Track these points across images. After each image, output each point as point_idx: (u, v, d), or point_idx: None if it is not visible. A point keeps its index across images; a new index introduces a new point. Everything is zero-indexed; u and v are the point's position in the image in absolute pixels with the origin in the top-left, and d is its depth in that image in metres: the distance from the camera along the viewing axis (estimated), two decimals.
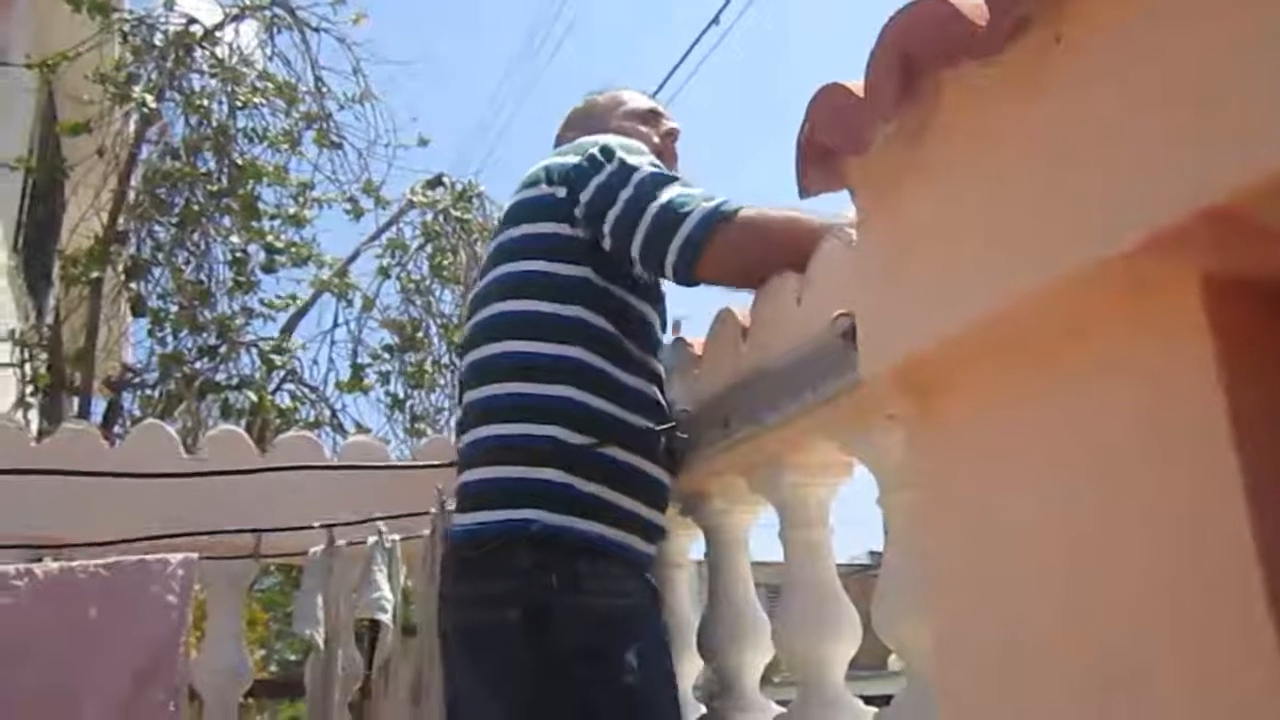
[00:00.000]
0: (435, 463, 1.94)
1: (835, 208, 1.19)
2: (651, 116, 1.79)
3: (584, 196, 1.50)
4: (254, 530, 1.89)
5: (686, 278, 1.44)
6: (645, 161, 1.51)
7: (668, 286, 1.61)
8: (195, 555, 1.89)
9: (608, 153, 1.52)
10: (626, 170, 1.49)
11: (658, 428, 1.49)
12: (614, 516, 1.44)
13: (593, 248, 1.51)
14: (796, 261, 1.29)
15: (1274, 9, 0.55)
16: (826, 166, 0.96)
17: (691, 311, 1.73)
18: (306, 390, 6.22)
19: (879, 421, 1.12)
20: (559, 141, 1.78)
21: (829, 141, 0.93)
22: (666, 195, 1.44)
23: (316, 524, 1.87)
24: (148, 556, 1.87)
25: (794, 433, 1.28)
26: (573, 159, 1.55)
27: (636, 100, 1.82)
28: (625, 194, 1.46)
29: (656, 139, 1.73)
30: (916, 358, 0.82)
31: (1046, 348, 0.73)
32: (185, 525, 1.96)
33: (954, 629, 0.79)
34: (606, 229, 1.47)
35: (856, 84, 0.88)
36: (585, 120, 1.77)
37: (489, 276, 1.58)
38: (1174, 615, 0.61)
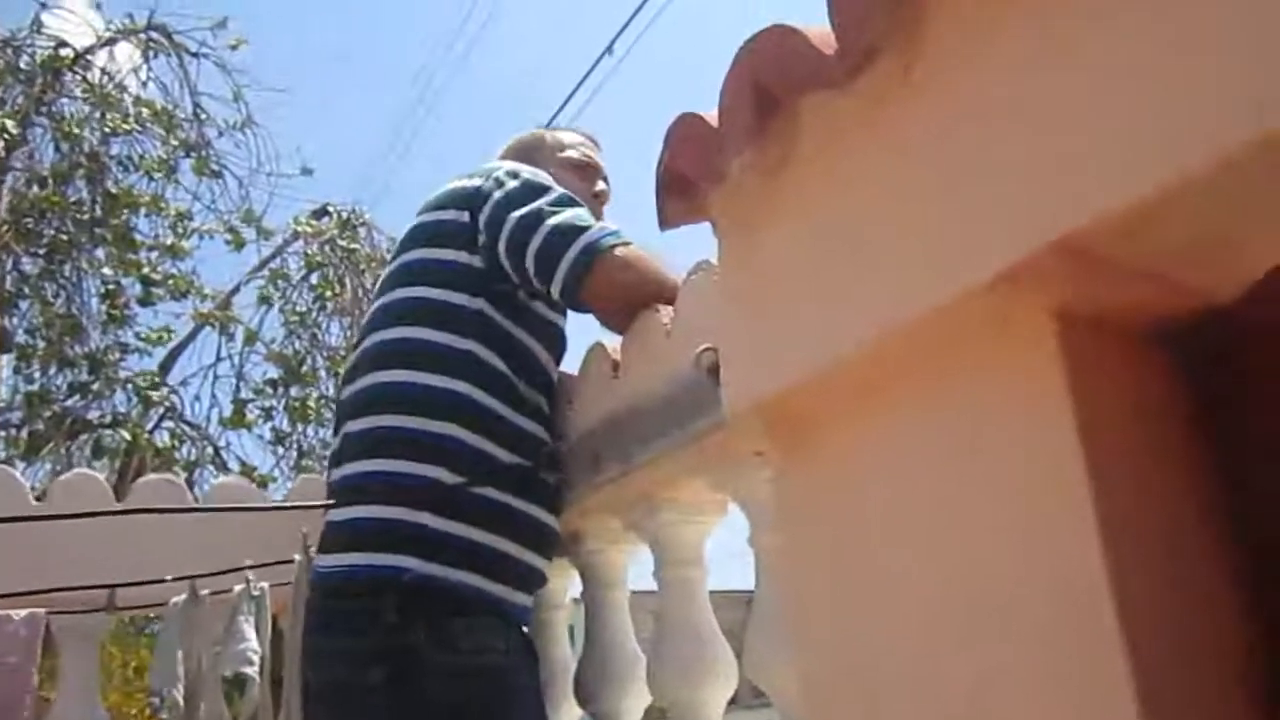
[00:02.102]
0: (303, 503, 1.85)
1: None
2: (588, 172, 1.73)
3: (483, 215, 1.46)
4: (106, 586, 1.77)
5: (573, 300, 1.41)
6: (551, 185, 1.49)
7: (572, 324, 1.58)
8: (41, 611, 1.77)
9: (512, 174, 1.50)
10: (528, 189, 1.46)
11: (531, 465, 1.43)
12: (491, 565, 1.38)
13: (490, 278, 1.46)
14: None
15: (1127, 42, 0.54)
16: (686, 197, 0.93)
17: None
18: (187, 428, 6.00)
19: (747, 459, 1.10)
20: None
21: (688, 172, 0.91)
22: (562, 216, 1.41)
23: (169, 577, 1.76)
24: None
25: (665, 471, 1.25)
26: (476, 181, 1.51)
27: (579, 150, 1.76)
28: (521, 211, 1.42)
29: (585, 197, 1.65)
30: (779, 395, 0.80)
31: (909, 384, 0.71)
32: (34, 576, 1.83)
33: (818, 670, 0.77)
34: (502, 245, 1.43)
35: (712, 113, 0.85)
36: (523, 152, 1.72)
37: (381, 300, 1.52)
38: (1037, 652, 0.60)
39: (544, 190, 1.46)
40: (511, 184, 1.47)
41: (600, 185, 1.74)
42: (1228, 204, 0.54)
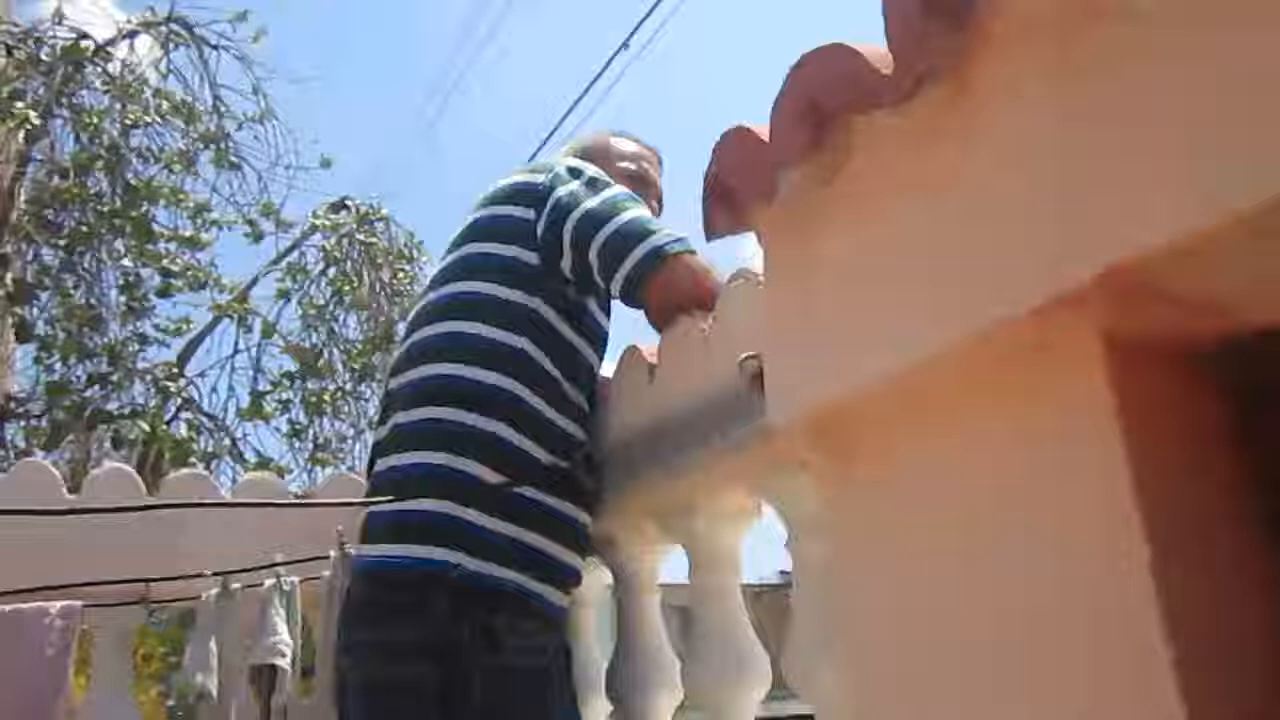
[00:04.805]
0: (338, 500, 1.87)
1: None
2: (642, 187, 1.71)
3: (547, 207, 1.46)
4: (141, 580, 1.80)
5: (631, 298, 1.42)
6: (612, 183, 1.50)
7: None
8: (78, 604, 1.79)
9: (576, 171, 1.51)
10: (596, 182, 1.48)
11: (570, 467, 1.45)
12: (536, 564, 1.39)
13: (547, 276, 1.47)
14: None
15: (1180, 79, 0.55)
16: (732, 209, 0.94)
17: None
18: (204, 419, 6.03)
19: (788, 467, 1.11)
20: None
21: (735, 184, 0.92)
22: (633, 213, 1.43)
23: (209, 572, 1.78)
24: (24, 606, 1.77)
25: (703, 477, 1.26)
26: (539, 177, 1.52)
27: (638, 164, 1.75)
28: (592, 203, 1.44)
29: None
30: (826, 405, 0.81)
31: (955, 401, 0.72)
32: (68, 569, 1.86)
33: (865, 678, 0.78)
34: (568, 234, 1.44)
35: (762, 127, 0.87)
36: (583, 155, 1.70)
37: (436, 293, 1.52)
38: (1085, 669, 0.61)
39: (608, 186, 1.48)
40: (576, 180, 1.48)
41: (651, 204, 1.72)
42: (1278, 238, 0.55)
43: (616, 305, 1.55)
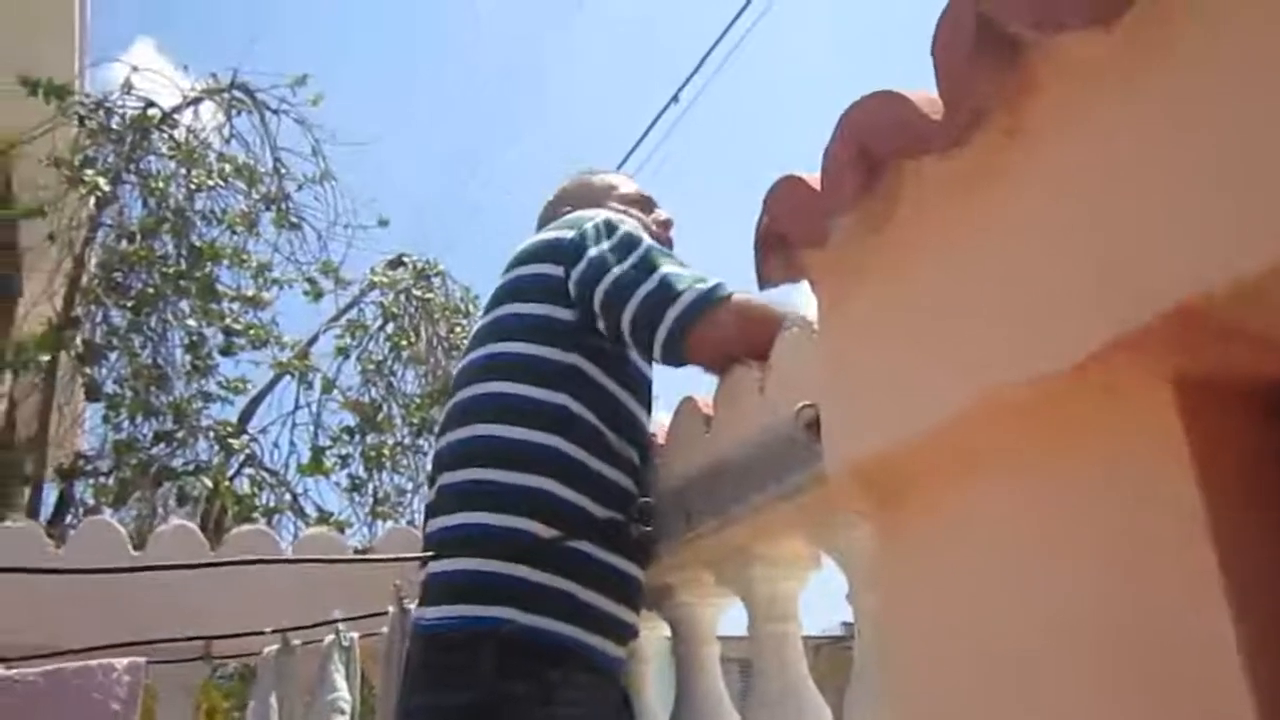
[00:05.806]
0: (389, 556, 1.88)
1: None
2: (645, 203, 1.76)
3: (578, 269, 1.47)
4: (205, 638, 1.82)
5: (674, 358, 1.41)
6: (645, 238, 1.50)
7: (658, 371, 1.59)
8: (142, 660, 1.81)
9: (609, 227, 1.51)
10: (625, 244, 1.47)
11: (623, 519, 1.44)
12: (589, 617, 1.38)
13: (584, 333, 1.48)
14: None
15: (1247, 106, 0.54)
16: (786, 257, 0.95)
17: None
18: (266, 474, 6.10)
19: (846, 517, 1.10)
20: (550, 215, 1.74)
21: (787, 233, 0.92)
22: (660, 274, 1.42)
23: (269, 629, 1.80)
24: (91, 662, 1.80)
25: (760, 525, 1.25)
26: (569, 233, 1.52)
27: (628, 185, 1.80)
28: (619, 269, 1.43)
29: (653, 226, 1.68)
30: (878, 455, 0.80)
31: (1015, 449, 0.71)
32: (133, 625, 1.89)
33: None
34: (597, 302, 1.44)
35: (813, 175, 0.87)
36: (578, 198, 1.74)
37: (474, 355, 1.54)
38: (1162, 707, 0.59)
39: (636, 245, 1.47)
40: (606, 240, 1.48)
41: (663, 214, 1.75)
42: None
43: None
